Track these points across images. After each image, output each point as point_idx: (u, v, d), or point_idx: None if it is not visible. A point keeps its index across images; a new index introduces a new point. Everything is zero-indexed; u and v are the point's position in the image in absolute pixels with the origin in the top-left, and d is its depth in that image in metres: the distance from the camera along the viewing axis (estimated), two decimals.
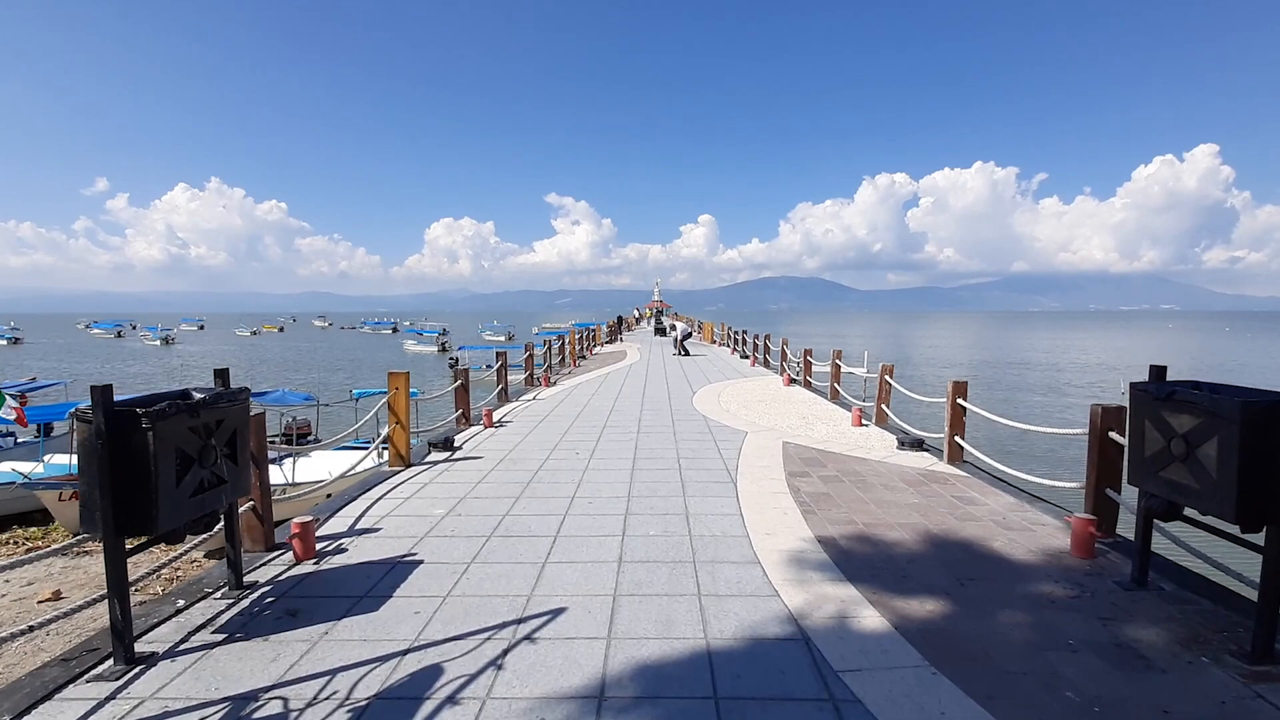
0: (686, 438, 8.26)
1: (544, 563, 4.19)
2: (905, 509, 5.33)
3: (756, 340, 20.43)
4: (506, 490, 5.89)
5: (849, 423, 9.32)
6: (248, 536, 4.45)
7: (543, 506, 5.39)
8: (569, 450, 7.56)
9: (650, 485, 6.00)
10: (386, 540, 4.63)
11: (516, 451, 7.53)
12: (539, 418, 9.88)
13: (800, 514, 5.17)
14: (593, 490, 5.87)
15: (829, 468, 6.73)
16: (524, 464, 6.91)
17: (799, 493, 5.79)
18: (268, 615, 3.51)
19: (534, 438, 8.33)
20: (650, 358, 21.33)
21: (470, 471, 6.60)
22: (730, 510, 5.27)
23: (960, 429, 6.90)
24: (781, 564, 4.15)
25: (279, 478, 11.55)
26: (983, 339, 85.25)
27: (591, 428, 9.01)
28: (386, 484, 6.15)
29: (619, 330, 34.40)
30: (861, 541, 4.56)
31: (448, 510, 5.31)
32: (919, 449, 7.51)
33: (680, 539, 4.60)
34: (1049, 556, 4.31)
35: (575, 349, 20.25)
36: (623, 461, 6.98)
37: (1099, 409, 4.64)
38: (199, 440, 3.31)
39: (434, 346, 59.41)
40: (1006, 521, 5.02)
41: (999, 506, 5.42)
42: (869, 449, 7.64)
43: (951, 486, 6.01)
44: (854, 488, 5.95)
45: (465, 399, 9.15)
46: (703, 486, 5.97)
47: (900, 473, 6.52)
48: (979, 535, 4.71)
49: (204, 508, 3.38)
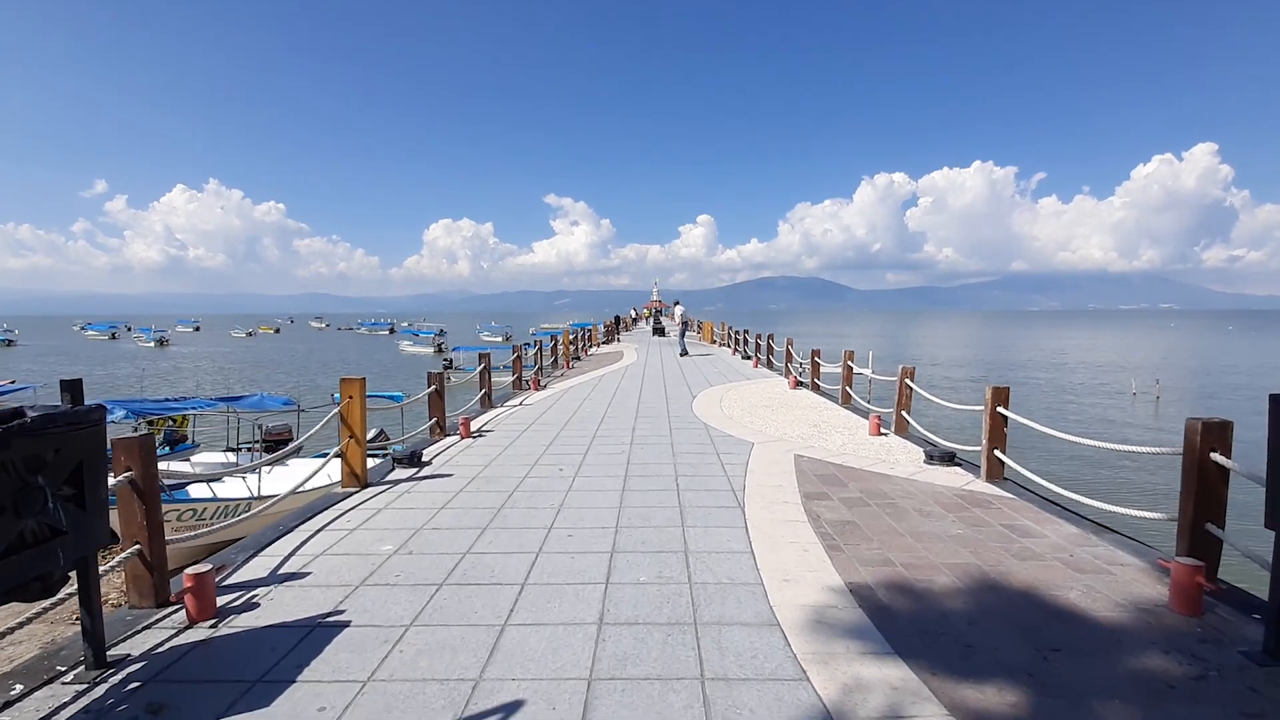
0: (686, 450, 7.35)
1: (504, 624, 3.28)
2: (949, 543, 4.42)
3: (759, 340, 19.52)
4: (473, 518, 4.98)
5: (866, 431, 8.41)
6: (134, 590, 3.54)
7: (513, 540, 4.48)
8: (552, 466, 6.65)
9: (643, 511, 5.09)
10: (312, 591, 3.71)
11: (492, 468, 6.62)
12: (523, 426, 8.97)
13: (823, 550, 4.27)
14: (575, 518, 4.96)
15: (850, 487, 5.82)
16: (499, 483, 6.00)
17: (819, 521, 4.88)
18: (121, 712, 2.60)
19: (514, 450, 7.42)
20: (648, 359, 20.42)
21: (435, 494, 5.68)
22: (738, 545, 4.36)
23: (1001, 442, 5.99)
24: (807, 626, 3.24)
25: (242, 491, 10.65)
26: (986, 338, 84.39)
27: (580, 438, 8.10)
28: (333, 510, 5.24)
29: (616, 330, 33.50)
30: (904, 591, 3.65)
31: (398, 546, 4.40)
32: (950, 464, 6.60)
33: (678, 588, 3.68)
34: (1144, 612, 3.40)
35: (569, 350, 19.34)
36: (612, 480, 6.07)
37: (1198, 425, 3.72)
38: (14, 480, 2.40)
39: (430, 347, 58.50)
40: (1076, 560, 4.11)
41: (1061, 539, 4.51)
42: (893, 463, 6.73)
43: (998, 512, 5.10)
44: (883, 514, 5.04)
45: (440, 406, 8.23)
46: (705, 513, 5.06)
47: (934, 493, 5.61)
48: (1048, 581, 3.80)
49: (24, 572, 2.47)
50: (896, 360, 44.44)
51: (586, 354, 23.13)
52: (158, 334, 78.64)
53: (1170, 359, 48.64)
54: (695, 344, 28.65)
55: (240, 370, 45.47)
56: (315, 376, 40.52)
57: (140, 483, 3.45)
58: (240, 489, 10.74)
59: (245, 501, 10.38)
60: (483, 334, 77.52)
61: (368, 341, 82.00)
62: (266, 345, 75.52)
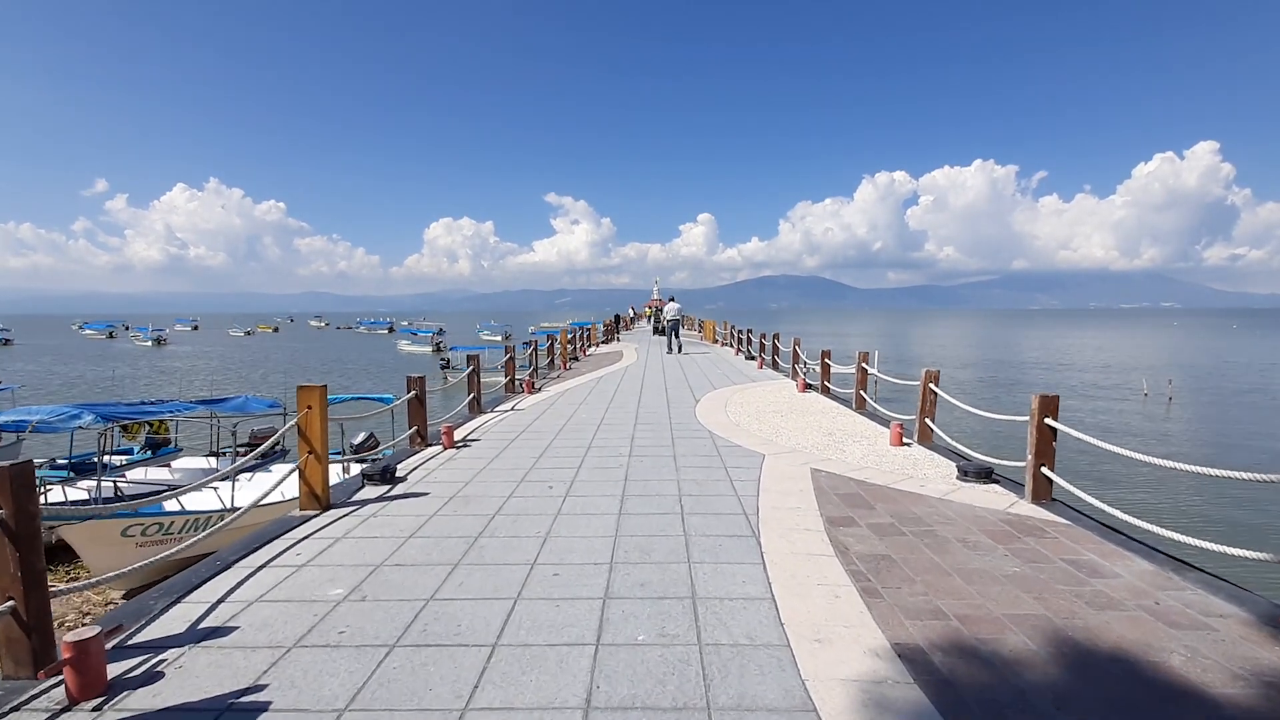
0: (690, 463, 6.65)
1: (464, 708, 2.57)
2: (1007, 585, 3.71)
3: (763, 340, 18.81)
4: (445, 551, 4.27)
5: (887, 441, 7.70)
6: (8, 656, 2.84)
7: (488, 581, 3.78)
8: (541, 483, 5.94)
9: (642, 542, 4.39)
10: (234, 655, 3.01)
11: (474, 485, 5.91)
12: (513, 434, 8.26)
13: (858, 595, 3.56)
14: (563, 550, 4.26)
15: (878, 510, 5.12)
16: (479, 505, 5.29)
17: (848, 554, 4.17)
18: None
19: (500, 464, 6.71)
20: (648, 359, 19.71)
21: (404, 519, 4.98)
22: (756, 588, 3.65)
23: (1049, 458, 5.27)
24: (853, 713, 2.53)
25: (214, 504, 9.97)
26: (989, 338, 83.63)
27: (574, 448, 7.40)
28: (284, 539, 4.54)
29: (616, 329, 32.79)
30: (967, 656, 2.95)
31: (350, 589, 3.70)
32: (988, 480, 5.88)
33: (685, 651, 2.98)
34: (1269, 686, 2.70)
35: (566, 350, 18.63)
36: (608, 500, 5.36)
37: None
38: None
39: (428, 347, 57.86)
40: (1165, 610, 3.40)
41: (1137, 579, 3.80)
42: (922, 480, 6.02)
43: (1055, 543, 4.39)
44: (922, 545, 4.33)
45: (421, 413, 7.53)
46: (714, 543, 4.35)
47: (975, 518, 4.90)
48: (1139, 640, 3.09)
49: None
50: (900, 360, 43.89)
51: (585, 354, 22.42)
52: (155, 333, 78.03)
53: (1180, 359, 47.86)
54: (695, 343, 27.96)
55: (236, 370, 44.84)
56: (312, 377, 39.87)
57: (12, 523, 2.75)
58: (211, 500, 10.05)
59: (217, 514, 9.70)
60: (482, 333, 76.86)
61: (367, 340, 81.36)
62: (265, 344, 74.91)
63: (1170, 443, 18.97)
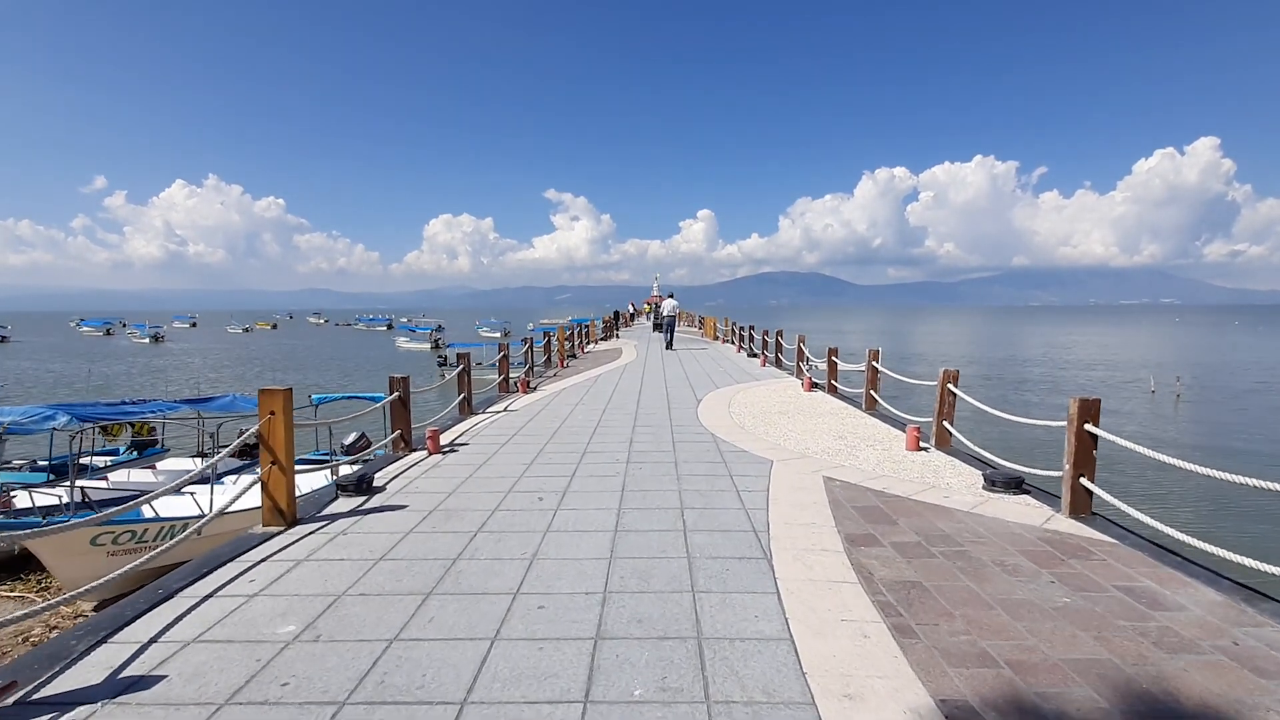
0: (692, 470, 6.16)
1: None
2: (1060, 620, 3.23)
3: (766, 337, 18.31)
4: (417, 577, 3.79)
5: (903, 445, 7.21)
6: None
7: (463, 616, 3.30)
8: (530, 494, 5.46)
9: (640, 566, 3.90)
10: (153, 714, 2.53)
11: (458, 496, 5.43)
12: (504, 438, 7.78)
13: (891, 635, 3.08)
14: (551, 576, 3.77)
15: (901, 525, 4.63)
16: (461, 520, 4.81)
17: (872, 581, 3.69)
18: None
19: (488, 471, 6.23)
20: (648, 357, 19.22)
21: (377, 536, 4.49)
22: (771, 625, 3.17)
23: (1089, 468, 4.79)
24: None
25: (192, 509, 9.49)
26: (992, 334, 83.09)
27: (568, 453, 6.91)
28: (240, 561, 4.06)
29: (615, 326, 32.29)
30: (1026, 717, 2.46)
31: (304, 625, 3.22)
32: (1018, 491, 5.39)
33: (689, 711, 2.49)
34: None
35: (563, 347, 18.13)
36: (603, 515, 4.88)
37: None
38: None
39: (427, 344, 57.38)
40: (1245, 652, 2.92)
41: (1205, 611, 3.32)
42: (945, 490, 5.54)
43: (1105, 566, 3.91)
44: (955, 569, 3.85)
45: (404, 416, 7.04)
46: (721, 568, 3.87)
47: (1011, 536, 4.42)
48: (1224, 693, 2.61)
49: None
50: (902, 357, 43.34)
51: (584, 351, 21.92)
52: (152, 330, 77.58)
53: (1185, 355, 47.36)
54: (696, 339, 27.48)
55: (235, 366, 44.38)
56: (311, 375, 39.39)
57: None
58: (189, 505, 9.58)
59: (195, 520, 9.23)
60: (481, 330, 76.39)
61: (365, 337, 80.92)
62: (263, 341, 74.46)
63: (1183, 445, 18.49)
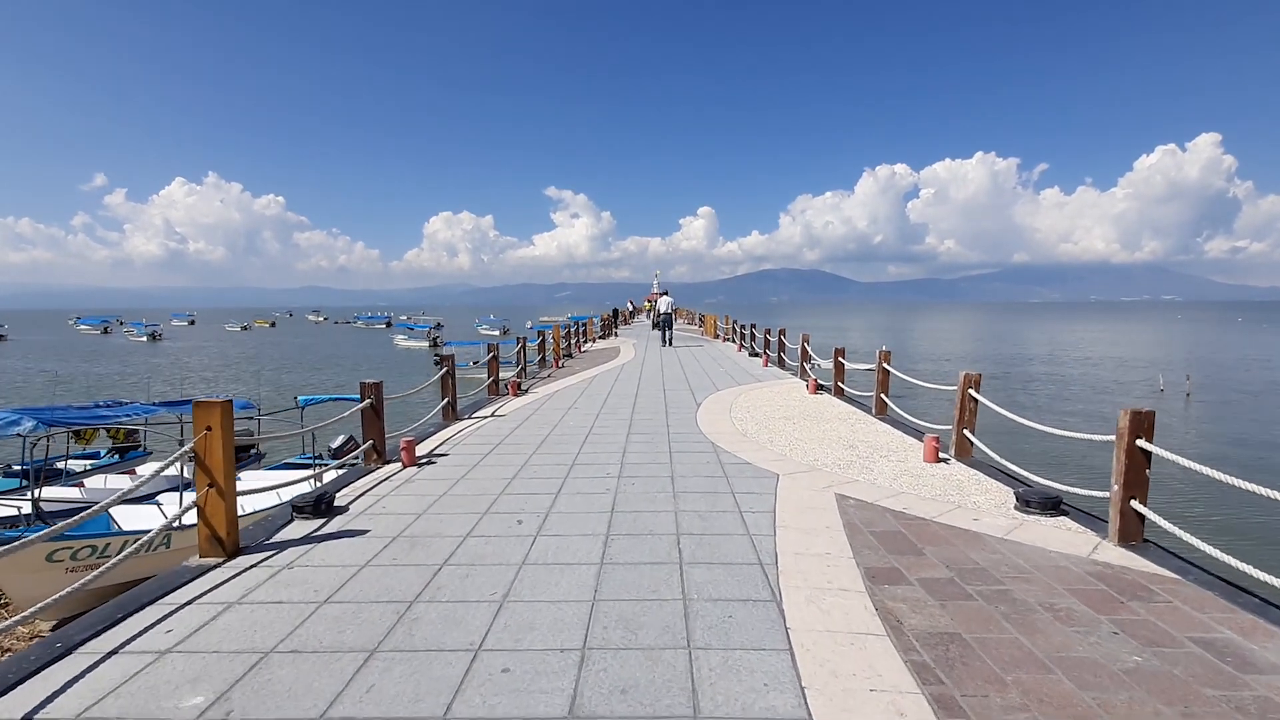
0: (691, 487, 5.58)
1: None
2: (1134, 689, 2.65)
3: (768, 336, 17.72)
4: (363, 628, 3.21)
5: (920, 456, 6.62)
6: None
7: (408, 684, 2.71)
8: (509, 515, 4.88)
9: (628, 612, 3.32)
10: None
11: (428, 518, 4.85)
12: (487, 447, 7.20)
13: (931, 712, 2.49)
14: (521, 626, 3.19)
15: (929, 556, 4.05)
16: (426, 549, 4.23)
17: (902, 631, 3.11)
18: None
19: (466, 487, 5.65)
20: (646, 356, 18.63)
21: (327, 570, 3.91)
22: (785, 701, 2.57)
23: (1141, 489, 4.21)
24: None
25: (156, 520, 8.93)
26: (995, 332, 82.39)
27: (555, 466, 6.33)
28: (163, 603, 3.48)
29: (614, 324, 31.70)
30: None
31: (214, 697, 2.64)
32: (1055, 513, 4.81)
33: None
34: None
35: (559, 347, 17.55)
36: (588, 544, 4.29)
37: None
38: None
39: (425, 342, 56.85)
40: None
41: None
42: (974, 510, 4.96)
43: (1173, 611, 3.33)
44: (998, 615, 3.27)
45: (377, 426, 6.45)
46: (722, 614, 3.29)
47: (1057, 571, 3.84)
48: None
49: None
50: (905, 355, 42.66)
51: (580, 350, 21.33)
52: (150, 328, 77.04)
53: (1193, 352, 46.70)
54: (697, 338, 26.89)
55: (232, 365, 43.82)
56: (307, 374, 38.84)
57: None
58: (155, 516, 9.02)
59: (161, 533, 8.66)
60: (481, 328, 75.83)
61: (364, 335, 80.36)
62: (261, 339, 73.91)
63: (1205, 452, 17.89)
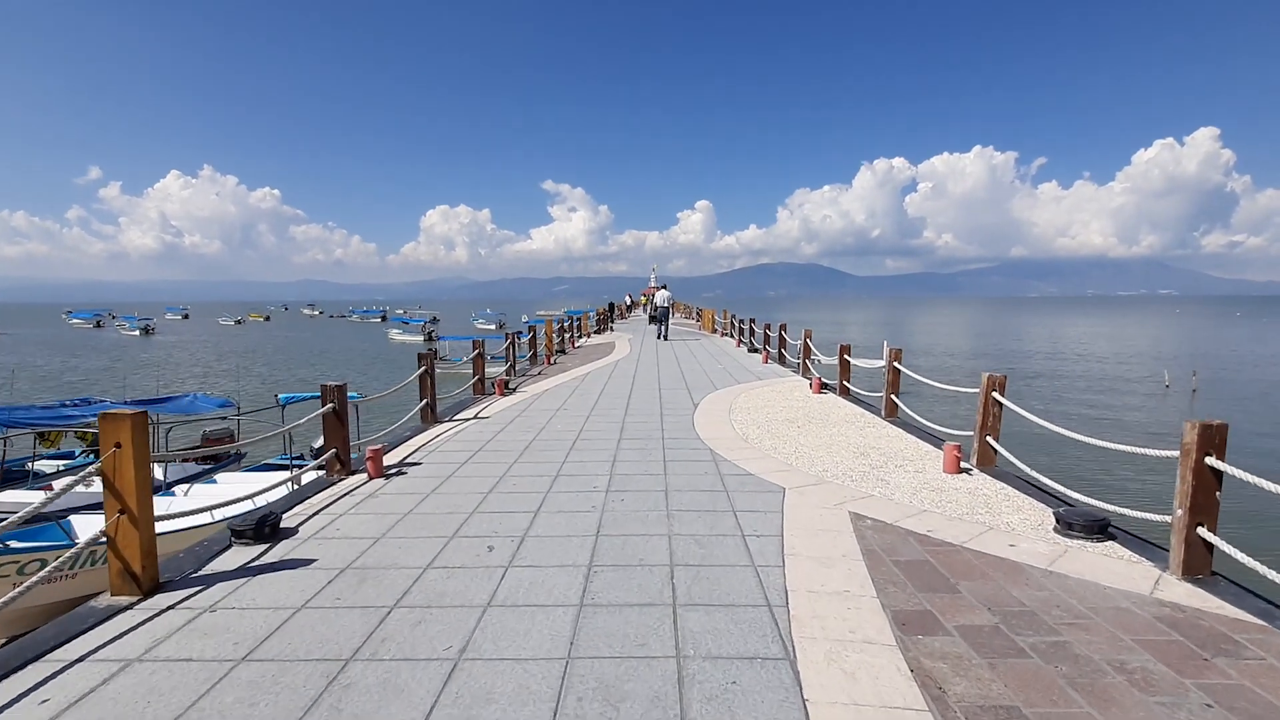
0: (687, 503, 4.98)
1: None
2: None
3: (768, 331, 17.11)
4: (279, 700, 2.59)
5: (939, 466, 6.03)
6: None
7: None
8: (480, 539, 4.27)
9: (609, 676, 2.72)
10: None
11: (385, 544, 4.24)
12: (465, 455, 6.59)
13: None
14: (475, 698, 2.58)
15: (965, 593, 3.46)
16: (377, 585, 3.62)
17: (948, 705, 2.51)
18: None
19: (434, 504, 5.04)
20: (641, 352, 18.01)
21: (257, 614, 3.31)
22: None
23: (1210, 515, 3.61)
24: None
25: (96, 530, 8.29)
26: (995, 326, 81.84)
27: (537, 478, 5.73)
28: (49, 660, 2.87)
29: (610, 318, 31.06)
30: None
31: None
32: (1102, 537, 4.22)
33: None
34: None
35: (551, 343, 16.92)
36: (566, 578, 3.69)
37: None
38: None
39: (419, 336, 56.20)
40: None
41: None
42: (1008, 533, 4.36)
43: (1269, 670, 2.74)
44: (1059, 679, 2.68)
45: (340, 433, 5.81)
46: (724, 680, 2.69)
47: (1116, 612, 3.25)
48: None
49: None
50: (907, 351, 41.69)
51: (575, 345, 20.70)
52: (142, 322, 76.22)
53: (1198, 347, 46.18)
54: (691, 332, 26.28)
55: (221, 360, 43.09)
56: (296, 368, 38.17)
57: None
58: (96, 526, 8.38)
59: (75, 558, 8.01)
60: (477, 322, 75.13)
61: (358, 329, 79.57)
62: (255, 334, 73.09)
63: None
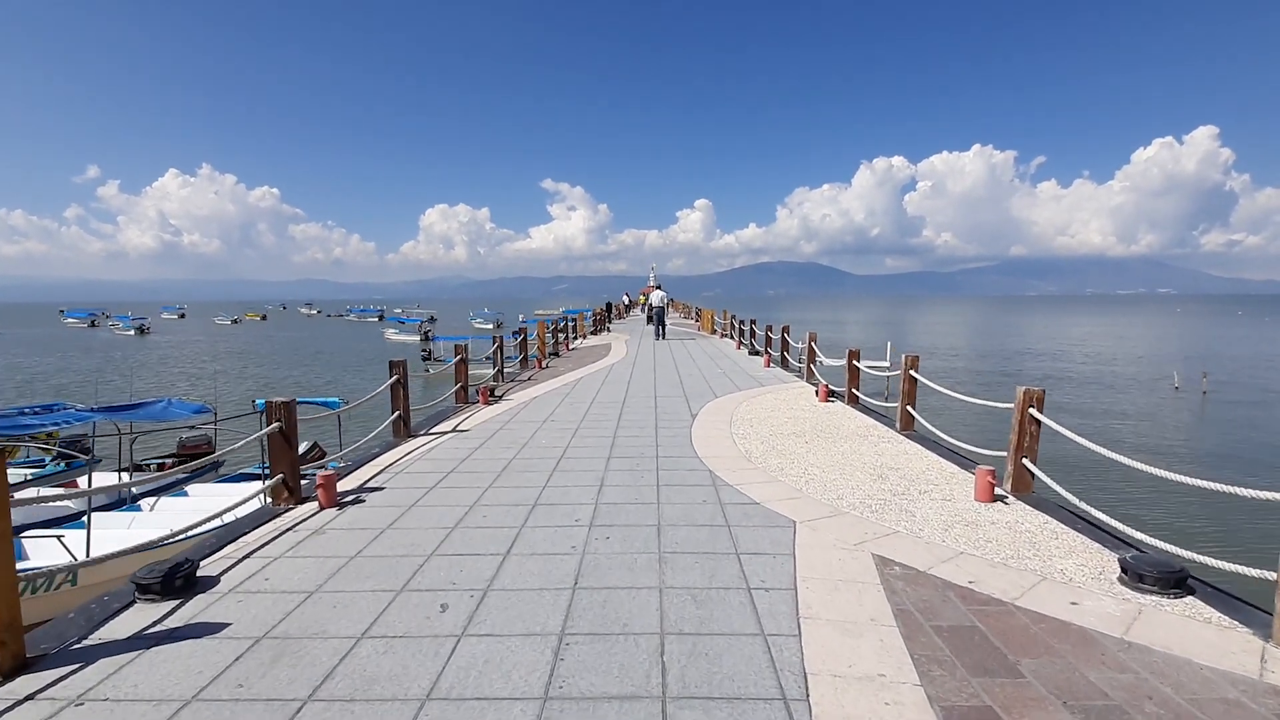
0: (682, 542, 4.26)
1: None
2: None
3: (769, 333, 16.40)
4: None
5: (969, 492, 5.31)
6: None
7: None
8: (432, 594, 3.56)
9: None
10: None
11: (318, 601, 3.52)
12: (435, 478, 5.87)
13: None
14: None
15: (1031, 680, 2.75)
16: (294, 666, 2.91)
17: None
18: None
19: (387, 543, 4.32)
20: (638, 355, 17.28)
21: (132, 709, 2.59)
22: None
23: None
24: None
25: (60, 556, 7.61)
26: (997, 326, 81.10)
27: (512, 508, 5.01)
28: None
29: (607, 318, 30.34)
30: None
31: None
32: (1181, 591, 3.50)
33: None
34: None
35: (544, 345, 16.20)
36: (533, 651, 2.98)
37: None
38: None
39: (416, 335, 55.48)
40: None
41: None
42: (1065, 583, 3.64)
43: None
44: None
45: (287, 455, 5.08)
46: None
47: (1226, 708, 2.54)
48: None
49: None
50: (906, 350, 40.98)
51: (568, 348, 19.96)
52: (137, 321, 75.47)
53: (1203, 347, 45.46)
54: (694, 333, 25.57)
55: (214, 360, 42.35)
56: (289, 368, 37.45)
57: None
58: (56, 552, 7.70)
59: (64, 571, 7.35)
60: (475, 321, 74.42)
61: (355, 329, 78.82)
62: (251, 333, 72.34)
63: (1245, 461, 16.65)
